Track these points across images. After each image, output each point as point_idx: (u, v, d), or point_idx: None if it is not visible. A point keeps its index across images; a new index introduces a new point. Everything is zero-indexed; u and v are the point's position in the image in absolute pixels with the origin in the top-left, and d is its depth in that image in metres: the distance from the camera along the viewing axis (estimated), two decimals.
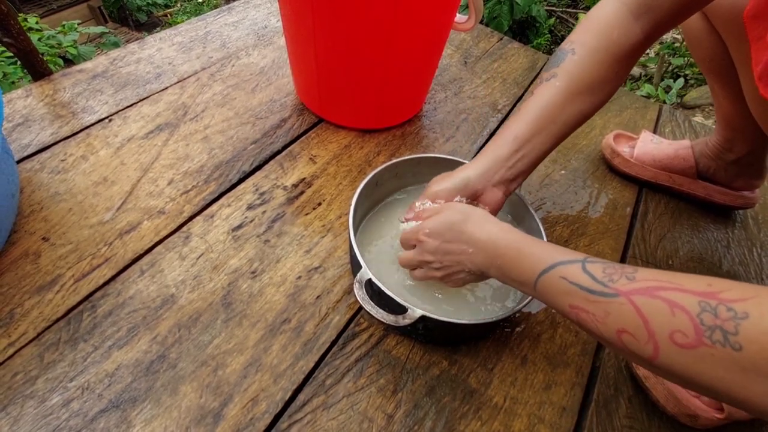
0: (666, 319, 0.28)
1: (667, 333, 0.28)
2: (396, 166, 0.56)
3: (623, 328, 0.30)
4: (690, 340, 0.27)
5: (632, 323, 0.29)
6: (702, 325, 0.26)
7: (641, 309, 0.29)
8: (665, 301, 0.28)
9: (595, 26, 0.47)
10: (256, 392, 0.44)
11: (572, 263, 0.35)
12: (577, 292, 0.33)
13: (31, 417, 0.40)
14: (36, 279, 0.49)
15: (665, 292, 0.29)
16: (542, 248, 0.38)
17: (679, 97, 2.11)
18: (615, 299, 0.31)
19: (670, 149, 0.71)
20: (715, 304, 0.26)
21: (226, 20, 0.92)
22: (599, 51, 0.46)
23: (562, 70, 0.47)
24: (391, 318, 0.42)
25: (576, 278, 0.34)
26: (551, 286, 0.35)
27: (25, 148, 0.62)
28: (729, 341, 0.25)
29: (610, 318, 0.31)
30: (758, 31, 0.37)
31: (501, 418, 0.46)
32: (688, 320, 0.27)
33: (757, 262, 0.66)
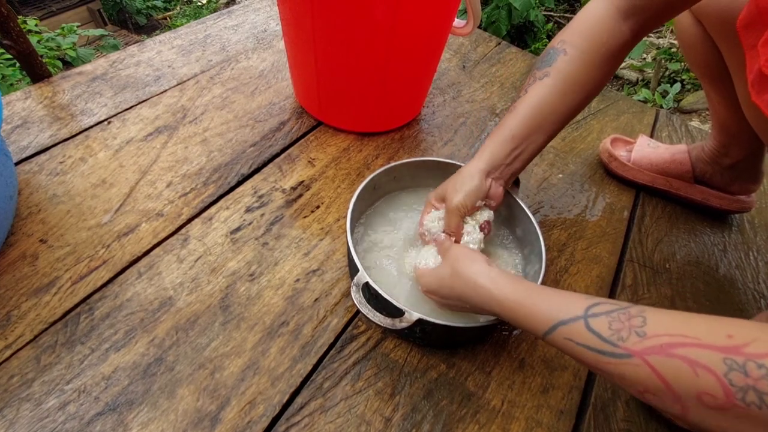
0: (689, 380, 0.26)
1: (693, 395, 0.26)
2: (394, 169, 0.56)
3: (644, 389, 0.28)
4: (720, 402, 0.25)
5: (653, 386, 0.27)
6: (732, 386, 0.24)
7: (659, 371, 0.27)
8: (685, 361, 0.26)
9: (586, 28, 0.48)
10: (254, 395, 0.44)
11: (573, 322, 0.33)
12: (586, 353, 0.31)
13: (27, 420, 0.40)
14: (33, 281, 0.49)
15: (683, 349, 0.26)
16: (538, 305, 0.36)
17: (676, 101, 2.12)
18: (629, 361, 0.28)
19: (667, 153, 0.71)
20: (743, 361, 0.24)
21: (226, 23, 0.92)
22: (589, 53, 0.47)
23: (554, 70, 0.48)
24: (388, 321, 0.42)
25: (582, 339, 0.32)
26: (559, 346, 0.34)
27: (24, 150, 0.62)
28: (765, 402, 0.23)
29: (627, 380, 0.29)
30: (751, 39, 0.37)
31: (499, 422, 0.46)
32: (715, 381, 0.25)
33: (754, 266, 0.67)
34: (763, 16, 0.35)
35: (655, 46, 2.37)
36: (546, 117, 0.48)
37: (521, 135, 0.48)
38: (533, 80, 0.49)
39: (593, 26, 0.47)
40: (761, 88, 0.35)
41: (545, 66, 0.48)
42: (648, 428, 0.48)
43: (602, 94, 0.94)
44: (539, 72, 0.49)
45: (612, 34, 0.46)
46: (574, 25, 0.49)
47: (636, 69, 2.36)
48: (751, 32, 0.37)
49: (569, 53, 0.47)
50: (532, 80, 0.49)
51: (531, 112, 0.48)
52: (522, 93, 0.50)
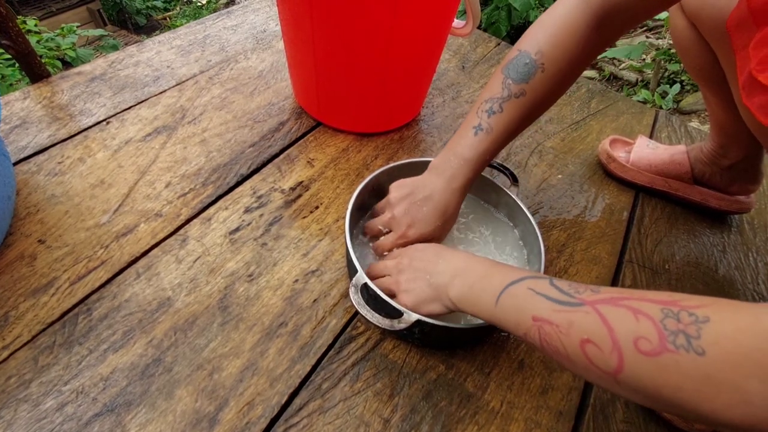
0: (630, 326, 0.28)
1: (631, 340, 0.27)
2: (393, 170, 0.56)
3: (588, 337, 0.30)
4: (654, 346, 0.26)
5: (597, 332, 0.29)
6: (665, 330, 0.26)
7: (606, 317, 0.29)
8: (629, 309, 0.28)
9: (563, 38, 0.46)
10: (252, 396, 0.44)
11: (541, 279, 0.36)
12: (543, 302, 0.33)
13: (24, 421, 0.40)
14: (31, 281, 0.49)
15: (629, 301, 0.29)
16: (517, 268, 0.40)
17: (676, 102, 2.13)
18: (580, 308, 0.31)
19: (666, 154, 0.71)
20: (677, 310, 0.27)
21: (225, 24, 0.92)
22: (565, 68, 0.47)
23: (531, 89, 0.47)
24: (386, 322, 0.42)
25: (543, 290, 0.34)
26: (517, 297, 0.36)
27: (22, 150, 0.61)
28: (692, 345, 0.25)
29: (574, 328, 0.31)
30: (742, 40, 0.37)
31: (498, 423, 0.46)
32: (651, 326, 0.27)
33: (753, 267, 0.67)
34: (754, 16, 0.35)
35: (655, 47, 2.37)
36: (513, 135, 0.50)
37: (490, 155, 0.50)
38: (509, 95, 0.48)
39: (570, 37, 0.46)
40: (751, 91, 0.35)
41: (521, 80, 0.47)
42: (647, 429, 0.48)
43: (602, 95, 0.94)
44: (515, 86, 0.47)
45: (587, 45, 0.46)
46: (551, 31, 0.47)
47: (635, 70, 2.36)
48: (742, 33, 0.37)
49: (547, 71, 0.46)
50: (506, 93, 0.48)
51: (507, 136, 0.49)
52: (496, 107, 0.48)
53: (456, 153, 0.49)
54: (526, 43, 0.48)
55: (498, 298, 0.37)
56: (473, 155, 0.49)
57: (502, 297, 0.36)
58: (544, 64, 0.46)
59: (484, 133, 0.48)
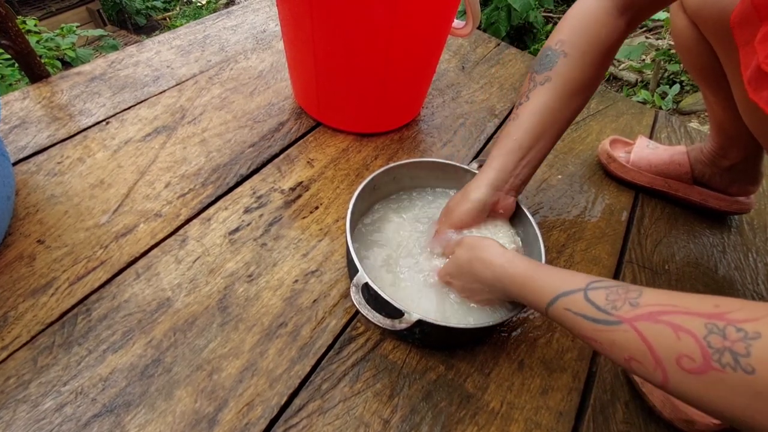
0: (671, 343, 0.27)
1: (673, 358, 0.26)
2: (393, 170, 0.56)
3: (630, 356, 0.29)
4: (698, 365, 0.25)
5: (638, 351, 0.29)
6: (709, 347, 0.25)
7: (645, 335, 0.28)
8: (669, 326, 0.27)
9: (582, 25, 0.47)
10: (252, 397, 0.44)
11: (574, 293, 0.34)
12: (583, 322, 0.33)
13: (23, 421, 0.40)
14: (30, 282, 0.49)
15: (669, 316, 0.28)
16: (545, 279, 0.38)
17: (675, 103, 2.13)
18: (619, 327, 0.30)
19: (665, 155, 0.71)
20: (723, 325, 0.25)
21: (225, 24, 0.92)
22: (589, 53, 0.47)
23: (555, 74, 0.48)
24: (387, 322, 0.42)
25: (579, 308, 0.33)
26: (558, 317, 0.36)
27: (22, 150, 0.61)
28: (740, 364, 0.24)
29: (616, 347, 0.30)
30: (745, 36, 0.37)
31: (498, 423, 0.46)
32: (694, 343, 0.26)
33: (753, 267, 0.67)
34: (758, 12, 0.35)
35: (654, 48, 2.37)
36: (550, 123, 0.49)
37: (528, 144, 0.49)
38: (534, 85, 0.49)
39: (590, 24, 0.47)
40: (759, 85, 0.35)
41: (545, 69, 0.48)
42: (647, 430, 0.48)
43: (601, 95, 0.94)
44: (539, 76, 0.48)
45: (609, 31, 0.46)
46: (571, 22, 0.48)
47: (635, 70, 2.36)
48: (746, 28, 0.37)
49: (569, 54, 0.47)
50: (533, 85, 0.49)
51: (535, 120, 0.48)
52: (523, 99, 0.49)
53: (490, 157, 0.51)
54: (549, 40, 0.50)
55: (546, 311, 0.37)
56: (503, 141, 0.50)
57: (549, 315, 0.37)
58: (565, 50, 0.47)
59: (513, 122, 0.50)
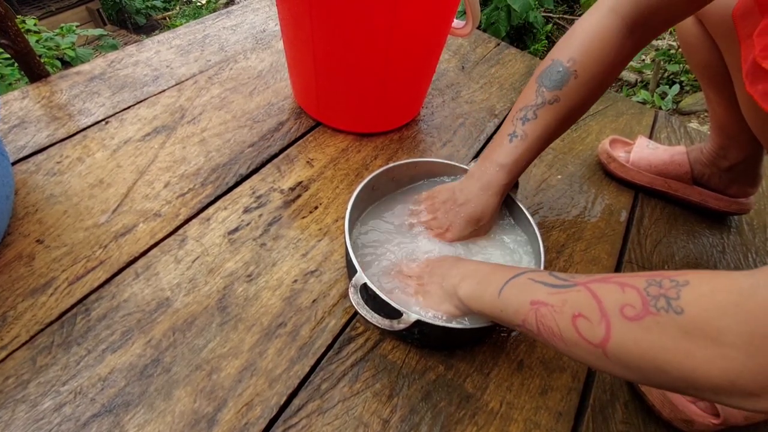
0: (617, 296, 0.30)
1: (618, 308, 0.30)
2: (393, 170, 0.56)
3: (579, 312, 0.32)
4: (638, 311, 0.28)
5: (587, 305, 0.32)
6: (648, 295, 0.28)
7: (596, 292, 0.32)
8: (617, 283, 0.31)
9: (594, 46, 0.47)
10: (251, 397, 0.44)
11: (542, 271, 0.38)
12: (541, 287, 0.36)
13: (22, 422, 0.40)
14: (30, 281, 0.49)
15: (619, 278, 0.32)
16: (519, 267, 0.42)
17: (675, 103, 2.13)
18: (573, 288, 0.34)
19: (665, 155, 0.71)
20: (660, 278, 0.29)
21: (225, 24, 0.92)
22: (598, 76, 0.47)
23: (564, 96, 0.48)
24: (386, 323, 0.42)
25: (541, 278, 0.37)
26: (518, 286, 0.38)
27: (21, 150, 0.61)
28: (671, 306, 0.27)
29: (567, 305, 0.33)
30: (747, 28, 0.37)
31: (497, 424, 0.46)
32: (636, 293, 0.29)
33: (752, 268, 0.67)
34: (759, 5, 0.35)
35: (654, 48, 2.37)
36: (548, 143, 0.51)
37: (527, 160, 0.51)
38: (542, 101, 0.49)
39: (602, 45, 0.46)
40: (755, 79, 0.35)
41: (555, 87, 0.48)
42: (646, 430, 0.48)
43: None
44: (549, 93, 0.48)
45: (619, 53, 0.46)
46: (583, 39, 0.48)
47: (635, 70, 2.36)
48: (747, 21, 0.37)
49: (580, 77, 0.47)
50: (541, 101, 0.49)
51: (540, 142, 0.50)
52: (530, 114, 0.49)
53: (492, 160, 0.51)
54: (559, 53, 0.49)
55: (501, 290, 0.39)
56: (508, 161, 0.50)
57: (505, 289, 0.39)
58: (577, 71, 0.47)
59: (519, 139, 0.50)
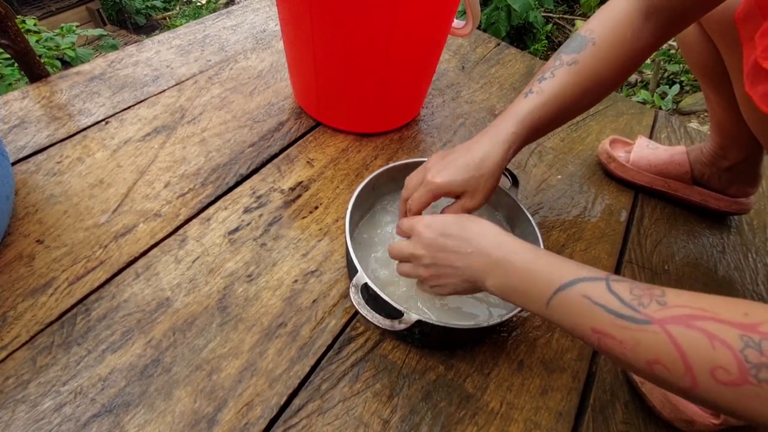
0: (706, 353, 0.26)
1: (707, 369, 0.26)
2: (393, 170, 0.56)
3: (656, 359, 0.28)
4: (734, 378, 0.25)
5: (667, 355, 0.27)
6: (747, 362, 0.25)
7: (678, 341, 0.27)
8: (704, 333, 0.26)
9: (612, 21, 0.47)
10: (251, 397, 0.44)
11: (596, 280, 0.32)
12: (603, 314, 0.30)
13: (22, 422, 0.40)
14: (30, 282, 0.49)
15: (702, 322, 0.27)
16: (561, 262, 0.35)
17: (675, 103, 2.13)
18: (647, 327, 0.28)
19: (665, 155, 0.71)
20: (759, 339, 0.25)
21: (225, 24, 0.92)
22: (616, 47, 0.47)
23: (582, 58, 0.47)
24: (386, 323, 0.42)
25: (601, 298, 0.31)
26: (571, 305, 0.33)
27: (21, 150, 0.61)
28: None
29: (641, 347, 0.29)
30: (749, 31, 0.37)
31: (497, 424, 0.46)
32: (731, 356, 0.25)
33: (753, 268, 0.67)
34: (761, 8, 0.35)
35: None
36: (567, 107, 0.48)
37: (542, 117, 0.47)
38: (560, 63, 0.48)
39: (619, 21, 0.47)
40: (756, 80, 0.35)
41: (573, 51, 0.48)
42: (647, 430, 0.48)
43: None
44: (567, 57, 0.48)
45: (635, 32, 0.46)
46: (602, 15, 0.49)
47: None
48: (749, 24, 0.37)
49: (597, 44, 0.47)
50: (559, 63, 0.48)
51: (556, 100, 0.47)
52: (548, 74, 0.48)
53: (504, 114, 0.48)
54: (580, 29, 0.49)
55: (548, 302, 0.34)
56: (521, 110, 0.47)
57: (554, 302, 0.34)
58: (595, 39, 0.47)
59: (534, 94, 0.48)
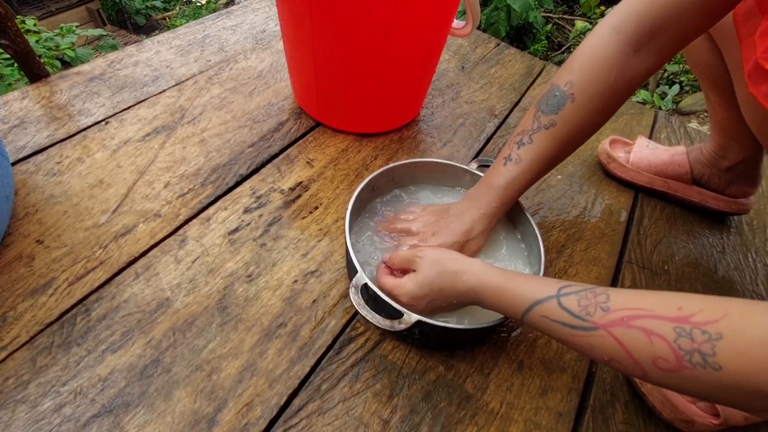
0: (646, 347, 0.30)
1: (650, 360, 0.29)
2: (393, 170, 0.56)
3: (610, 357, 0.32)
4: (672, 365, 0.28)
5: (616, 354, 0.31)
6: (680, 350, 0.28)
7: (621, 340, 0.31)
8: (642, 331, 0.30)
9: (593, 67, 0.45)
10: (251, 397, 0.44)
11: (548, 300, 0.36)
12: (561, 329, 0.35)
13: (22, 422, 0.40)
14: (30, 282, 0.49)
15: (640, 320, 0.30)
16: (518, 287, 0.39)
17: (675, 103, 2.13)
18: (595, 333, 0.33)
19: (665, 155, 0.71)
20: (690, 328, 0.28)
21: (225, 24, 0.92)
22: (597, 97, 0.46)
23: (561, 120, 0.47)
24: (386, 323, 0.42)
25: (555, 316, 0.36)
26: (536, 324, 0.38)
27: (21, 150, 0.61)
28: (708, 363, 0.27)
29: (596, 350, 0.33)
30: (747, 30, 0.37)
31: (497, 424, 0.46)
32: (666, 347, 0.29)
33: (752, 268, 0.67)
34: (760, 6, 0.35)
35: None
36: (546, 170, 0.51)
37: (523, 189, 0.51)
38: (538, 126, 0.48)
39: (601, 65, 0.45)
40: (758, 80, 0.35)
41: (551, 112, 0.47)
42: (647, 430, 0.48)
43: None
44: (545, 118, 0.48)
45: (621, 72, 0.44)
46: (582, 60, 0.46)
47: None
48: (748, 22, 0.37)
49: (577, 100, 0.46)
50: (537, 125, 0.48)
51: (534, 166, 0.49)
52: (526, 139, 0.49)
53: (486, 183, 0.52)
54: (558, 77, 0.48)
55: (523, 316, 0.39)
56: (501, 183, 0.50)
57: (528, 318, 0.38)
58: (574, 94, 0.46)
59: (513, 163, 0.50)
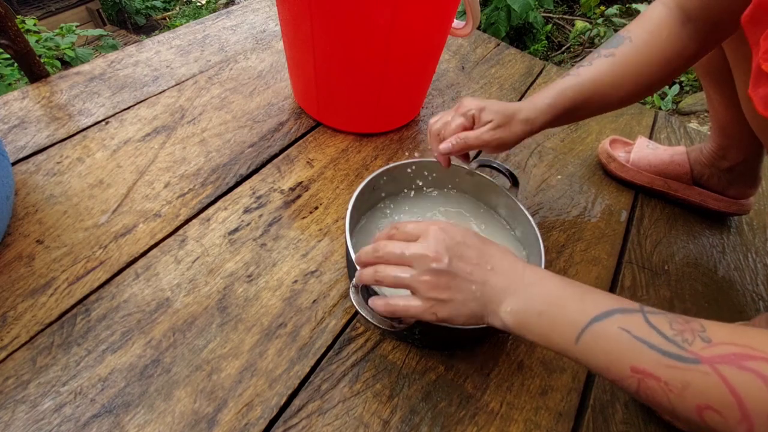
0: (763, 398, 0.24)
1: (765, 414, 0.24)
2: (393, 170, 0.56)
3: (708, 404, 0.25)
4: None
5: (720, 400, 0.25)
6: None
7: (731, 383, 0.25)
8: (758, 376, 0.24)
9: (648, 23, 0.49)
10: (251, 397, 0.44)
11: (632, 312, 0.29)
12: (646, 351, 0.27)
13: (22, 422, 0.40)
14: (29, 282, 0.49)
15: (754, 362, 0.25)
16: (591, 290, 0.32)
17: (675, 103, 2.13)
18: (696, 367, 0.26)
19: (665, 155, 0.71)
20: None
21: (225, 24, 0.92)
22: (651, 45, 0.48)
23: (619, 52, 0.49)
24: (386, 323, 0.42)
25: (641, 333, 0.28)
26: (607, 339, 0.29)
27: (21, 150, 0.61)
28: None
29: (690, 391, 0.26)
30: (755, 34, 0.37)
31: (497, 424, 0.46)
32: None
33: (752, 268, 0.67)
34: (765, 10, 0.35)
35: None
36: (600, 94, 0.49)
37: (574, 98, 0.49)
38: (597, 55, 0.51)
39: (656, 23, 0.48)
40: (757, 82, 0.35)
41: (610, 47, 0.50)
42: (647, 430, 0.48)
43: None
44: (604, 50, 0.50)
45: (671, 35, 0.47)
46: (639, 19, 0.50)
47: None
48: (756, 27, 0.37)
49: (634, 41, 0.49)
50: (596, 55, 0.51)
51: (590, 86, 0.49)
52: (585, 62, 0.51)
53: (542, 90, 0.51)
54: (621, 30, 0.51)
55: (579, 336, 0.30)
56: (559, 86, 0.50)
57: (586, 336, 0.30)
58: (632, 37, 0.49)
59: (572, 76, 0.50)
